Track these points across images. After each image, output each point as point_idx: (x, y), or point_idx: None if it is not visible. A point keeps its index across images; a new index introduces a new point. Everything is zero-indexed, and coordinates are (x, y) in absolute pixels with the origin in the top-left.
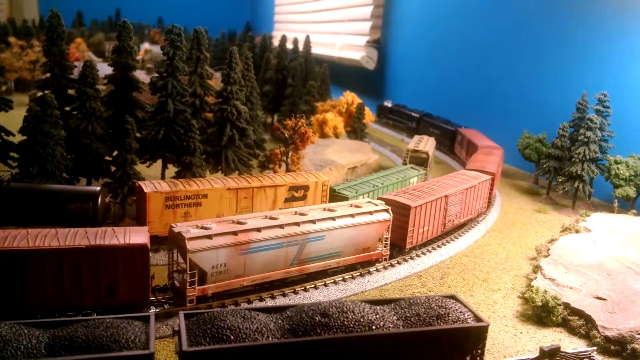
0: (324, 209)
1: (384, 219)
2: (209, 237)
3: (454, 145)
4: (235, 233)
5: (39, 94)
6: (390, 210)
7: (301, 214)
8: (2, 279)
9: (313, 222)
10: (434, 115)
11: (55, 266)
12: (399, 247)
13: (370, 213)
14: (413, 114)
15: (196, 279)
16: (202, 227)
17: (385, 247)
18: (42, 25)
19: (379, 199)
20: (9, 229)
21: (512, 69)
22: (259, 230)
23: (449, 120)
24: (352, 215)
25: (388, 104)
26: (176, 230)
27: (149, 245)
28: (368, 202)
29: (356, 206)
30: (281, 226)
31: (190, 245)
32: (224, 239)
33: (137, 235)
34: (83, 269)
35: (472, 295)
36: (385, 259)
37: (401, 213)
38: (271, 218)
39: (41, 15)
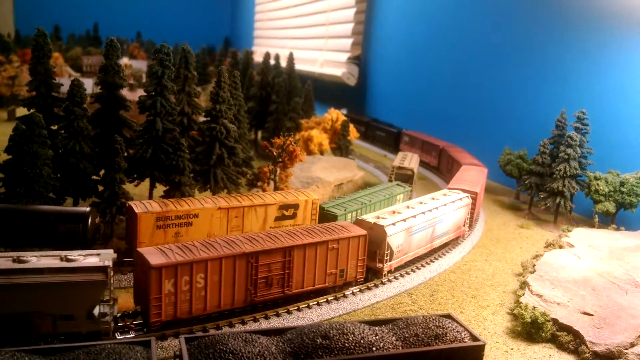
0: (432, 199)
1: (468, 203)
2: (394, 224)
3: (399, 144)
4: (405, 220)
5: (18, 109)
6: (470, 196)
7: (425, 204)
8: (278, 269)
9: (437, 208)
10: (380, 120)
11: (312, 256)
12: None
13: (461, 199)
14: (362, 119)
15: (389, 257)
16: (382, 218)
17: (464, 225)
18: (18, 39)
19: (449, 189)
20: None
21: (492, 85)
22: (415, 217)
23: (392, 124)
24: (453, 202)
25: (343, 111)
26: (371, 220)
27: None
28: (449, 190)
29: (446, 195)
30: (424, 212)
31: (388, 230)
32: (401, 225)
33: (355, 228)
34: (329, 257)
35: (462, 312)
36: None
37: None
38: (412, 208)
39: (17, 29)
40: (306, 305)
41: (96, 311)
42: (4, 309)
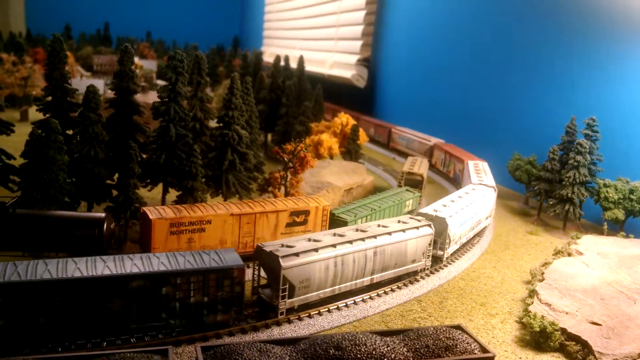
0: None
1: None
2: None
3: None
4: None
5: (31, 110)
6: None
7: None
8: None
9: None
10: None
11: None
12: None
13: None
14: None
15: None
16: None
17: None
18: (29, 38)
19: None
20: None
21: (502, 91)
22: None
23: None
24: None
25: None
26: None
27: None
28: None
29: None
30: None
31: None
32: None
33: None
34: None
35: (472, 320)
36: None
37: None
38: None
39: (28, 27)
40: (317, 312)
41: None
42: None
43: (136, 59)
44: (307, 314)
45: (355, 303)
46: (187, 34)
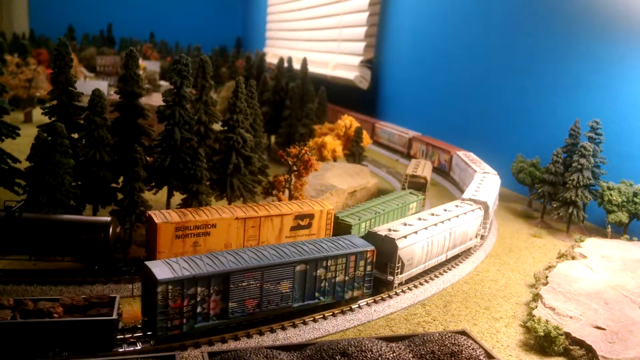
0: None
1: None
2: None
3: None
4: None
5: (35, 113)
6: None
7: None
8: None
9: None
10: None
11: None
12: None
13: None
14: None
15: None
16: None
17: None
18: (33, 39)
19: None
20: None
21: (506, 93)
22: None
23: None
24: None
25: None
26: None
27: None
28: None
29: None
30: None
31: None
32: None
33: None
34: None
35: (476, 324)
36: None
37: None
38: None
39: (31, 28)
40: (322, 316)
41: None
42: None
43: (140, 61)
44: (312, 318)
45: (359, 307)
46: (190, 35)
